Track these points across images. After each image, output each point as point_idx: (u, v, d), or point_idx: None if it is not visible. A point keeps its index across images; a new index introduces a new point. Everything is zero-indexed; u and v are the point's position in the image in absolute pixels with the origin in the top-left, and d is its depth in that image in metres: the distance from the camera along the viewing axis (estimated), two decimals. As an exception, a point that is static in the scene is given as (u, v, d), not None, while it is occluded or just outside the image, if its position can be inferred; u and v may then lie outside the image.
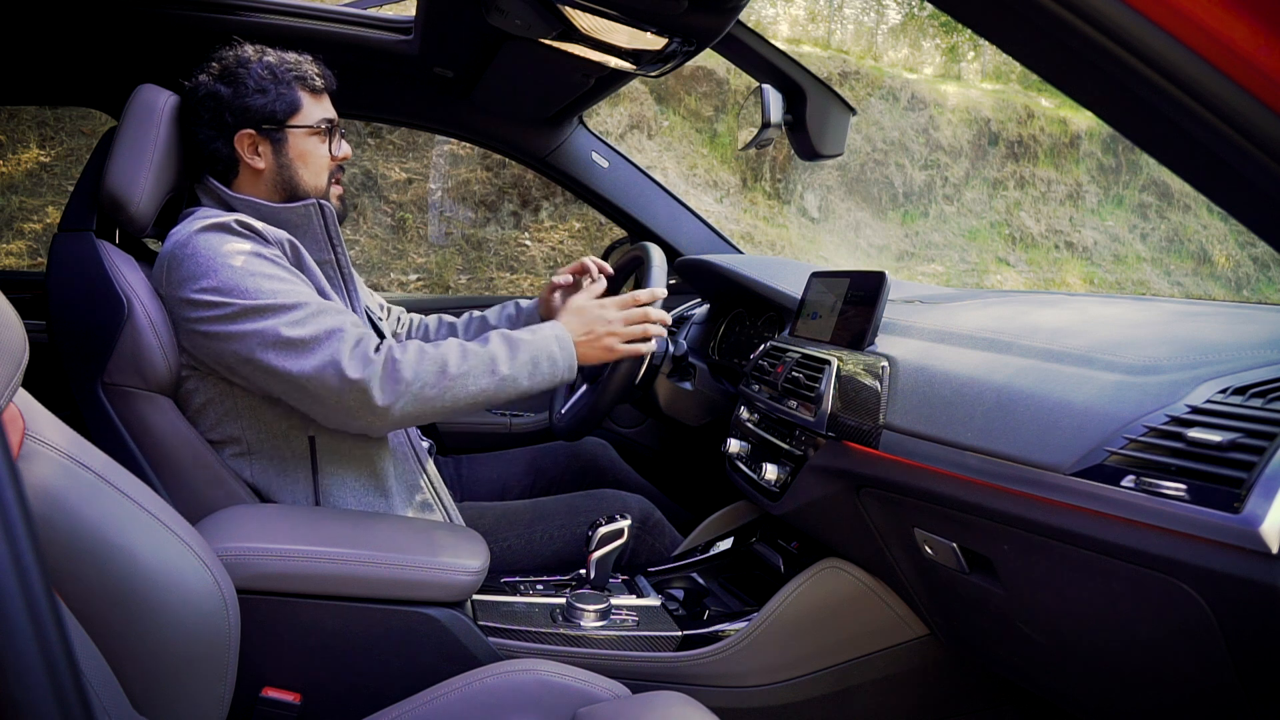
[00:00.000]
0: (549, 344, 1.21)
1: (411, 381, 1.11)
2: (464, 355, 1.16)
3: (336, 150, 1.33)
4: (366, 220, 5.08)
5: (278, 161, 1.27)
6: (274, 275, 1.13)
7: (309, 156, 1.29)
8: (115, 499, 0.73)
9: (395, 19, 1.73)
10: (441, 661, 1.06)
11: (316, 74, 1.30)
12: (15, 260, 4.48)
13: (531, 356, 1.19)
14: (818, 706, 1.25)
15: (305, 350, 1.09)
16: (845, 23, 7.80)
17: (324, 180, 1.32)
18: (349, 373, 1.08)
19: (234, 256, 1.12)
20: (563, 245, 5.31)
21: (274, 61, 1.27)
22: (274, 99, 1.25)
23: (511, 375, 1.17)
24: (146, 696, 0.72)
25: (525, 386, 1.19)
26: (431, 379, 1.13)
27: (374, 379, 1.09)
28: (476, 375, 1.15)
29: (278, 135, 1.26)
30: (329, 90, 1.33)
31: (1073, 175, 7.37)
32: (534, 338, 1.21)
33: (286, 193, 1.29)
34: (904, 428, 1.02)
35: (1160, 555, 0.70)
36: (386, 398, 1.10)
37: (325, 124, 1.30)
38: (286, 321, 1.09)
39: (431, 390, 1.13)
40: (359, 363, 1.09)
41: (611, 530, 1.27)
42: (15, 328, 0.58)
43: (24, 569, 0.42)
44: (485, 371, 1.16)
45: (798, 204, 6.40)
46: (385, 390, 1.10)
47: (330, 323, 1.11)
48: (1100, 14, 0.49)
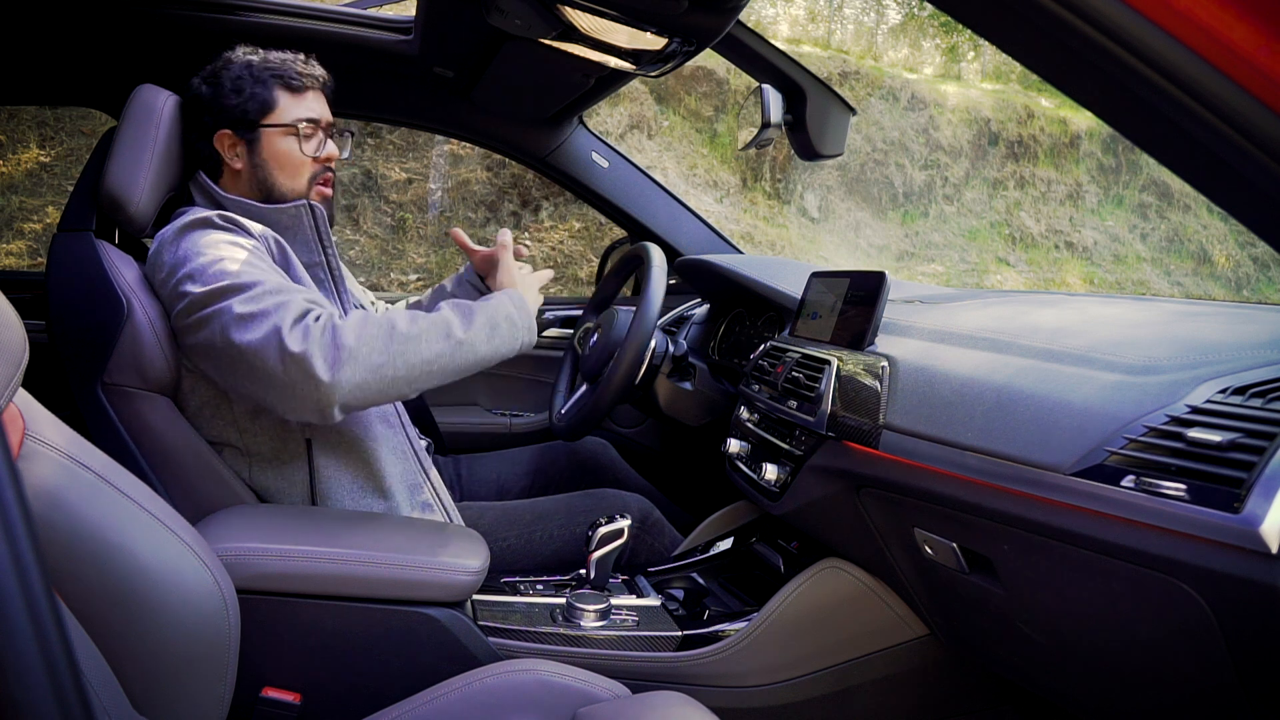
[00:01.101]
0: (504, 305, 1.19)
1: (355, 348, 1.04)
2: (413, 319, 1.11)
3: (315, 150, 1.29)
4: (366, 220, 5.08)
5: (253, 162, 1.27)
6: (241, 260, 1.10)
7: (282, 156, 1.27)
8: (115, 499, 0.73)
9: (395, 19, 1.73)
10: (441, 661, 1.06)
11: (299, 72, 1.28)
12: (15, 260, 4.48)
13: (488, 319, 1.16)
14: (818, 706, 1.25)
15: (251, 322, 1.04)
16: (845, 23, 7.80)
17: (302, 182, 1.29)
18: (289, 344, 1.01)
19: (207, 249, 1.11)
20: (563, 245, 5.31)
21: (255, 61, 1.26)
22: (247, 98, 1.25)
23: (469, 340, 1.13)
24: (146, 696, 0.72)
25: (485, 352, 1.15)
26: (379, 344, 1.06)
27: (314, 348, 1.02)
28: (430, 339, 1.10)
29: (251, 135, 1.26)
30: (320, 89, 1.31)
31: (1073, 175, 7.37)
32: (486, 304, 1.18)
33: (264, 193, 1.28)
34: (904, 428, 1.02)
35: (1160, 555, 0.70)
36: (329, 369, 1.02)
37: (303, 123, 1.27)
38: (241, 300, 1.05)
39: (379, 356, 1.05)
40: (299, 334, 1.03)
41: (611, 530, 1.27)
42: (15, 328, 0.58)
43: (24, 569, 0.42)
44: (439, 335, 1.11)
45: (798, 204, 6.40)
46: (327, 359, 1.02)
47: (280, 298, 1.06)
48: (1100, 14, 0.49)
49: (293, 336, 1.02)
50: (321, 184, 1.32)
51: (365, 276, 4.88)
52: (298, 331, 1.03)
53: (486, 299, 1.20)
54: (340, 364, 1.03)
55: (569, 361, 1.78)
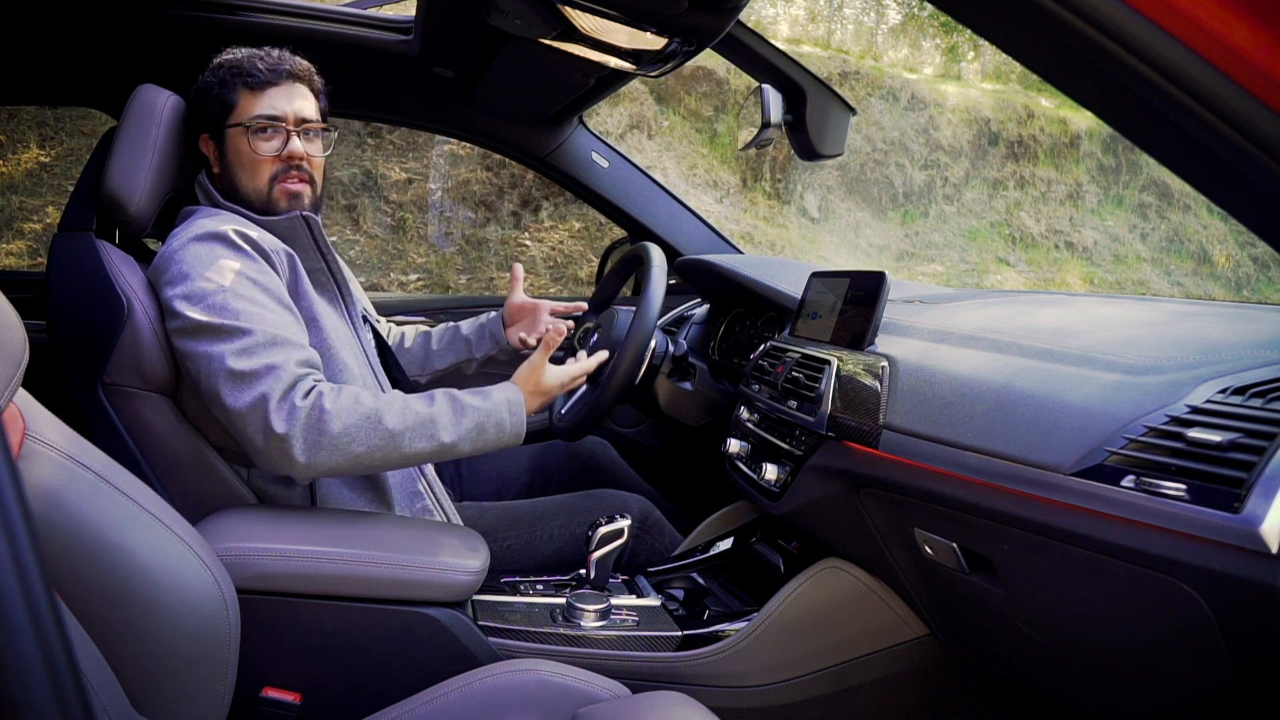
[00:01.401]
0: (499, 410, 1.15)
1: (338, 437, 1.03)
2: (403, 412, 1.08)
3: (272, 149, 1.23)
4: (366, 220, 5.08)
5: (223, 163, 1.27)
6: (243, 293, 1.08)
7: (242, 156, 1.24)
8: (115, 499, 0.73)
9: (395, 19, 1.73)
10: (441, 661, 1.06)
11: (261, 68, 1.23)
12: (15, 260, 4.48)
13: (478, 423, 1.13)
14: (818, 706, 1.25)
15: (241, 385, 1.03)
16: (845, 23, 7.80)
17: (263, 181, 1.24)
18: (273, 423, 1.01)
19: (212, 272, 1.09)
20: (563, 245, 5.31)
21: (226, 60, 1.25)
22: (214, 99, 1.24)
23: (453, 443, 1.11)
24: (146, 696, 0.72)
25: (465, 451, 1.13)
26: (362, 435, 1.05)
27: (297, 431, 1.02)
28: (413, 438, 1.08)
29: (219, 136, 1.26)
30: (291, 83, 1.25)
31: (1073, 175, 7.37)
32: (484, 404, 1.14)
33: (231, 194, 1.26)
34: (904, 428, 1.02)
35: (1160, 555, 0.70)
36: (307, 453, 1.02)
37: (261, 121, 1.22)
38: (235, 351, 1.04)
39: (360, 447, 1.05)
40: (285, 412, 1.02)
41: (611, 530, 1.27)
42: (15, 328, 0.58)
43: (24, 569, 0.42)
44: (424, 435, 1.09)
45: (798, 204, 6.40)
46: (308, 444, 1.02)
47: (273, 358, 1.04)
48: (1100, 14, 0.49)
49: (278, 415, 1.02)
50: (285, 181, 1.25)
51: (365, 276, 4.88)
52: (284, 409, 1.02)
53: (486, 398, 1.15)
54: (319, 450, 1.03)
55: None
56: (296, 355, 1.07)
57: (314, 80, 1.30)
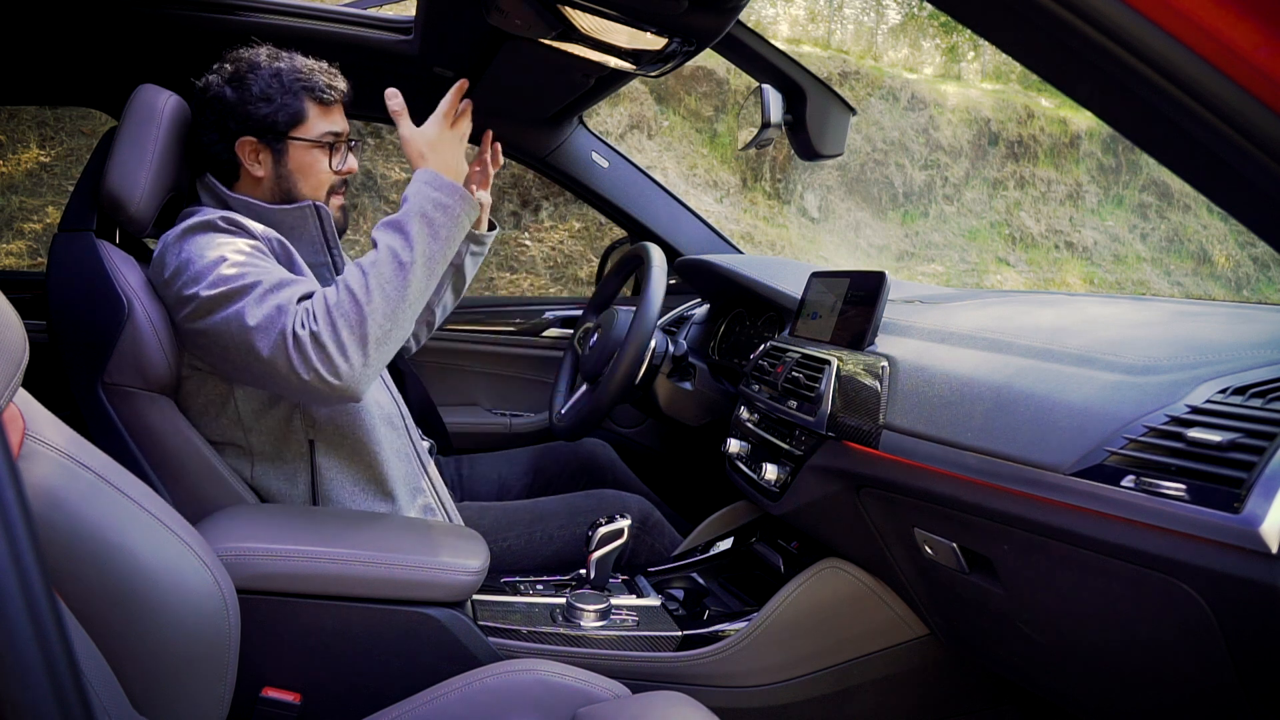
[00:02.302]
0: (423, 194, 1.12)
1: (339, 342, 1.04)
2: (363, 271, 1.08)
3: (339, 164, 1.30)
4: (367, 220, 5.08)
5: (277, 171, 1.26)
6: (241, 262, 1.09)
7: (308, 169, 1.27)
8: (115, 499, 0.73)
9: (395, 19, 1.73)
10: (441, 661, 1.06)
11: (327, 85, 1.26)
12: (15, 260, 4.48)
13: (420, 216, 1.11)
14: (818, 706, 1.25)
15: (262, 334, 1.05)
16: (845, 23, 7.80)
17: (322, 193, 1.29)
18: (295, 363, 1.04)
19: (210, 250, 1.10)
20: (563, 245, 5.31)
21: (284, 68, 1.24)
22: (278, 108, 1.23)
23: (421, 253, 1.10)
24: (146, 696, 0.72)
25: (440, 249, 1.12)
26: (353, 317, 1.05)
27: (314, 364, 1.04)
28: (388, 281, 1.07)
29: (278, 145, 1.25)
30: (341, 102, 1.30)
31: (1073, 175, 7.37)
32: (408, 204, 1.13)
33: (283, 201, 1.27)
34: (904, 428, 1.02)
35: (1160, 555, 0.70)
36: (334, 374, 1.04)
37: (330, 137, 1.27)
38: (249, 303, 1.06)
39: (360, 329, 1.05)
40: (299, 351, 1.04)
41: (611, 530, 1.27)
42: (15, 328, 0.58)
43: (24, 569, 0.42)
44: (393, 272, 1.08)
45: (798, 204, 6.40)
46: (329, 368, 1.04)
47: (278, 299, 1.06)
48: (1100, 14, 0.49)
49: (297, 354, 1.04)
50: (338, 194, 1.32)
51: (365, 276, 4.88)
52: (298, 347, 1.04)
53: (405, 198, 1.14)
54: (338, 365, 1.04)
55: (569, 361, 1.78)
56: (298, 290, 1.09)
57: (349, 97, 1.34)
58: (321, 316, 1.05)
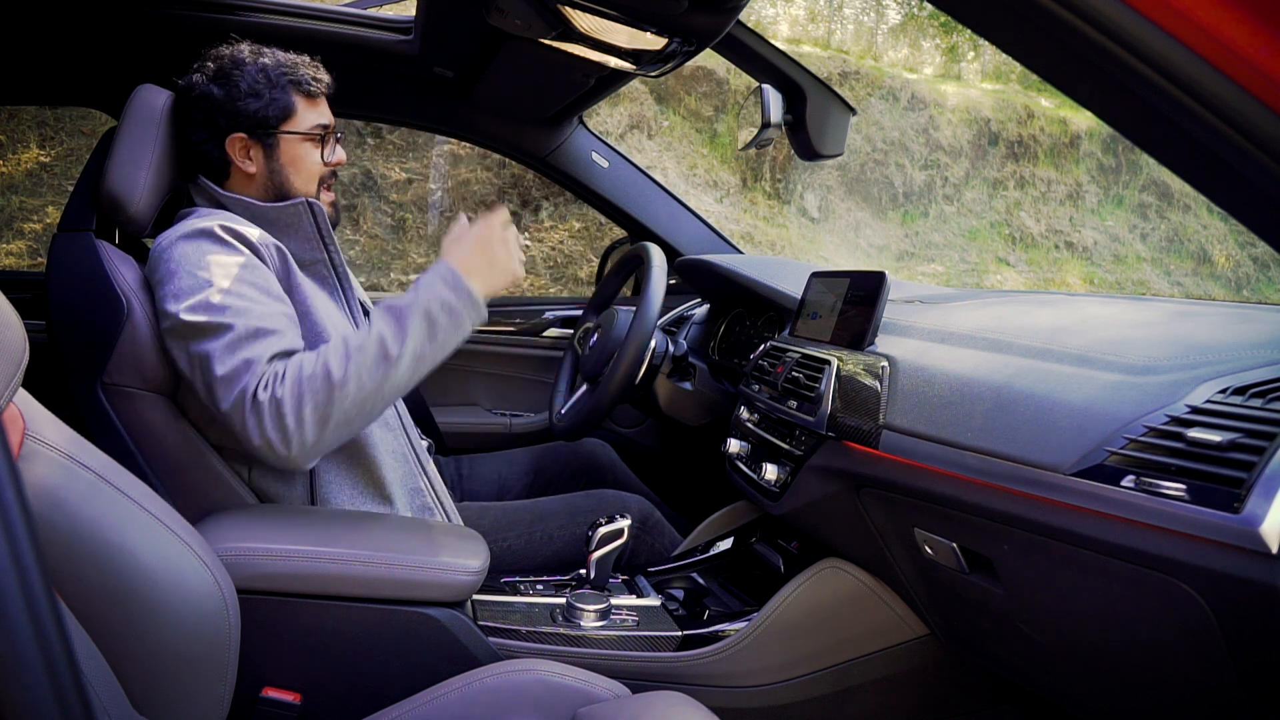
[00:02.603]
0: (435, 290, 1.06)
1: (302, 414, 1.01)
2: (347, 353, 1.03)
3: (329, 156, 1.30)
4: (366, 220, 5.07)
5: (268, 166, 1.26)
6: (226, 289, 1.07)
7: (300, 162, 1.27)
8: (115, 499, 0.73)
9: (395, 19, 1.73)
10: (441, 661, 1.06)
11: (313, 78, 1.28)
12: (15, 260, 4.48)
13: (424, 313, 1.05)
14: (818, 706, 1.25)
15: (225, 385, 1.03)
16: (845, 23, 7.80)
17: (314, 186, 1.30)
18: (249, 425, 1.02)
19: (200, 268, 1.08)
20: (563, 245, 5.31)
21: (269, 64, 1.25)
22: (267, 103, 1.23)
23: (409, 352, 1.04)
24: (146, 696, 0.72)
25: (433, 351, 1.07)
26: (322, 400, 1.01)
27: (269, 431, 1.01)
28: (367, 370, 1.02)
29: (269, 140, 1.25)
30: (326, 94, 1.31)
31: (1073, 175, 7.37)
32: (417, 294, 1.07)
33: (276, 196, 1.27)
34: (904, 428, 1.02)
35: (1160, 555, 0.70)
36: (286, 446, 1.02)
37: (319, 129, 1.28)
38: (218, 348, 1.04)
39: (327, 410, 1.01)
40: (257, 414, 1.01)
41: (611, 530, 1.27)
42: (15, 328, 0.58)
43: (24, 569, 0.42)
44: (376, 361, 1.03)
45: (798, 204, 6.40)
46: (283, 438, 1.02)
47: (249, 353, 1.03)
48: (1100, 14, 0.49)
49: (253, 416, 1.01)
50: (328, 188, 1.33)
51: (365, 276, 4.88)
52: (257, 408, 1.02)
53: (417, 286, 1.08)
54: (293, 436, 1.02)
55: (569, 361, 1.78)
56: (273, 347, 1.06)
57: (333, 89, 1.34)
58: (290, 385, 1.02)
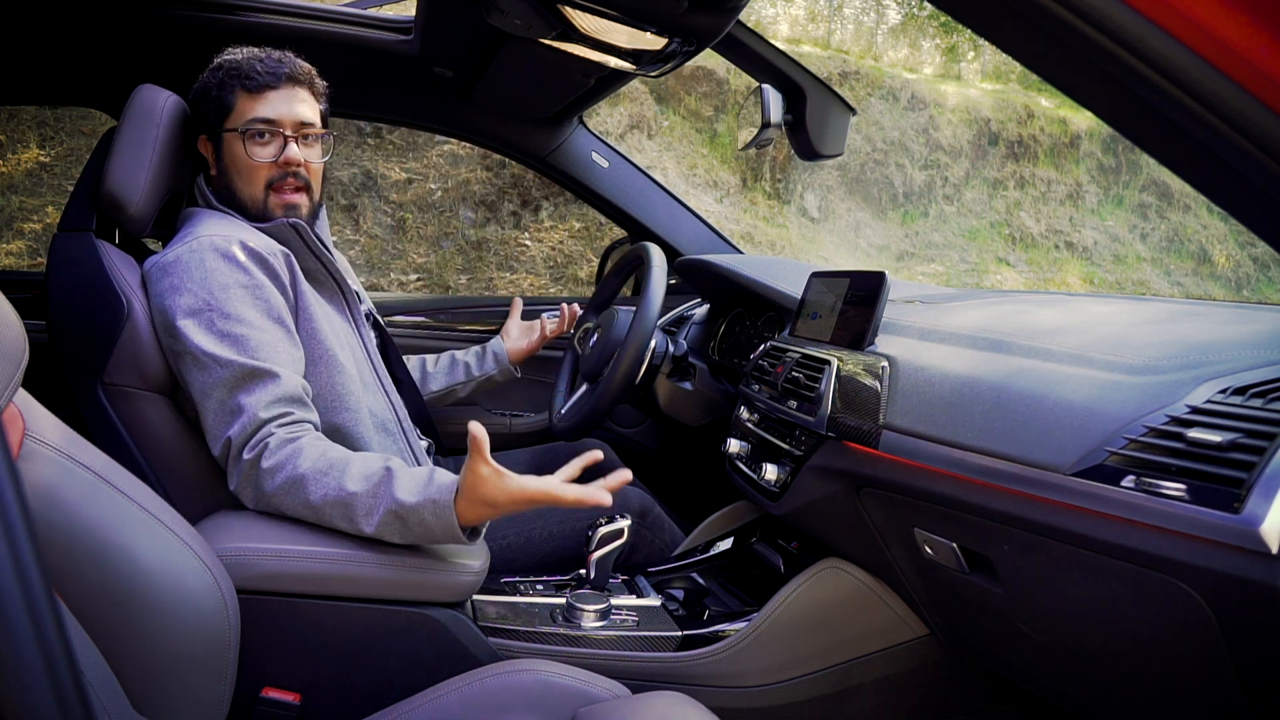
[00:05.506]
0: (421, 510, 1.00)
1: (270, 495, 1.04)
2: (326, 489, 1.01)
3: (269, 154, 1.21)
4: (366, 220, 5.07)
5: (219, 167, 1.26)
6: (232, 315, 1.08)
7: (238, 161, 1.22)
8: (115, 499, 0.73)
9: (395, 19, 1.73)
10: (441, 661, 1.06)
11: (260, 71, 1.20)
12: (15, 260, 4.48)
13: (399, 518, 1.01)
14: (818, 706, 1.25)
15: (216, 424, 1.07)
16: (845, 23, 7.80)
17: (258, 188, 1.22)
18: (230, 471, 1.06)
19: (205, 288, 1.09)
20: (563, 245, 5.31)
21: (226, 61, 1.23)
22: (212, 102, 1.23)
23: (376, 533, 1.01)
24: (146, 696, 0.72)
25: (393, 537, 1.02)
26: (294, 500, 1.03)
27: (244, 485, 1.05)
28: (337, 516, 1.02)
29: (217, 140, 1.25)
30: (292, 86, 1.22)
31: (1073, 175, 7.37)
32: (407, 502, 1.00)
33: (230, 201, 1.24)
34: (904, 428, 1.02)
35: (1160, 555, 0.70)
36: (250, 502, 1.06)
37: (260, 124, 1.20)
38: (214, 383, 1.06)
39: (292, 507, 1.03)
40: (240, 465, 1.04)
41: (611, 530, 1.27)
42: (15, 328, 0.58)
43: (24, 569, 0.42)
44: (340, 518, 1.02)
45: (798, 204, 6.40)
46: (248, 497, 1.06)
47: (245, 397, 1.05)
48: (1100, 14, 0.49)
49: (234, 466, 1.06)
50: (280, 190, 1.23)
51: (365, 276, 4.88)
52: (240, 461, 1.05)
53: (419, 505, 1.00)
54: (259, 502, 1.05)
55: (569, 361, 1.78)
56: (271, 393, 1.06)
57: (315, 83, 1.28)
58: (277, 471, 1.02)
